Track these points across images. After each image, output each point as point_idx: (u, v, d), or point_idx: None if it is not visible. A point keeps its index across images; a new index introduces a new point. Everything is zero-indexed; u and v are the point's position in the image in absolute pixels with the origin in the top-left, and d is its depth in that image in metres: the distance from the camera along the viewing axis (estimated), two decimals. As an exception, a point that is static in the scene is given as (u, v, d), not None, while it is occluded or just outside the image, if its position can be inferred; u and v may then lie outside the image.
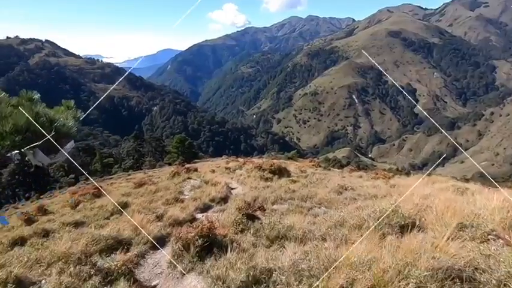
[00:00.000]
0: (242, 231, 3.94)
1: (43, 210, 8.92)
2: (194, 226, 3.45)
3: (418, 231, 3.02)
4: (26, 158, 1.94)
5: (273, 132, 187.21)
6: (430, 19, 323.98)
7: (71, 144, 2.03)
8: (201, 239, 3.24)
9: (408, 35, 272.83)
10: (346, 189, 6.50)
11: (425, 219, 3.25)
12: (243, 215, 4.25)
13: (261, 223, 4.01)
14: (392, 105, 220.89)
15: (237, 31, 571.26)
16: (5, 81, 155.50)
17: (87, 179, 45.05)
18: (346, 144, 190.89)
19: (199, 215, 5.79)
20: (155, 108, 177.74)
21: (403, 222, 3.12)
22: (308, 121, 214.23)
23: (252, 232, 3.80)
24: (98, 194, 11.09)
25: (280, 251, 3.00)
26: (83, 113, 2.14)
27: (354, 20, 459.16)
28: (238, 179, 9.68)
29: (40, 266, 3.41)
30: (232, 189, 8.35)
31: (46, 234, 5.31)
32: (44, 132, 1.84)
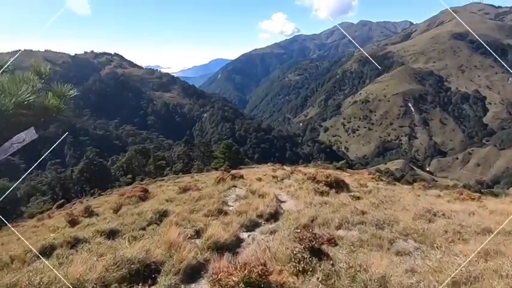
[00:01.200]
0: (304, 271, 2.84)
1: (89, 212, 8.90)
2: (239, 267, 2.45)
3: None
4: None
5: (319, 141, 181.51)
6: (504, 18, 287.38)
7: (25, 136, 1.21)
8: (248, 288, 2.23)
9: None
10: (435, 215, 4.96)
11: None
12: (304, 248, 3.15)
13: (332, 264, 2.85)
14: (455, 115, 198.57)
15: (286, 39, 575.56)
16: (82, 90, 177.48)
17: (142, 179, 48.10)
18: (399, 155, 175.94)
19: (244, 235, 4.82)
20: (205, 115, 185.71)
21: None
22: (357, 130, 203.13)
23: (320, 278, 2.67)
24: (143, 197, 10.93)
25: (374, 325, 1.84)
26: (74, 90, 1.31)
27: (411, 24, 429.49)
28: (289, 190, 8.52)
29: (49, 294, 2.77)
30: (281, 202, 7.25)
31: (77, 243, 4.87)
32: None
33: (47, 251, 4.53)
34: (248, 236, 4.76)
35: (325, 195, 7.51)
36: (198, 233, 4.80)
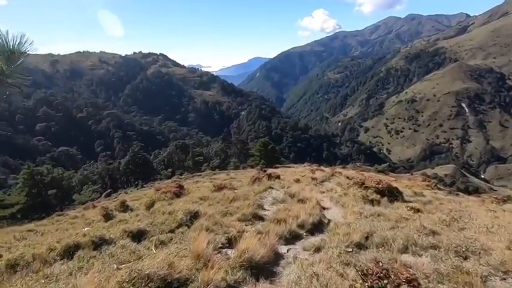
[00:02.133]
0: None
1: (124, 206, 8.89)
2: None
3: None
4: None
5: (359, 142, 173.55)
6: None
7: None
8: None
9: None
10: (537, 244, 3.78)
11: None
12: None
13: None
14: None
15: (326, 36, 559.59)
16: (130, 88, 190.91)
17: (181, 173, 49.82)
18: (449, 160, 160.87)
19: (283, 249, 4.12)
20: (243, 113, 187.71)
21: None
22: (402, 131, 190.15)
23: None
24: (178, 194, 10.76)
25: None
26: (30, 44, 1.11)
27: (468, 16, 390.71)
28: (332, 196, 7.59)
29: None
30: (324, 208, 6.41)
31: (102, 243, 4.59)
32: None
33: (70, 251, 4.32)
34: (287, 251, 4.04)
35: (375, 204, 6.47)
36: (230, 242, 4.23)
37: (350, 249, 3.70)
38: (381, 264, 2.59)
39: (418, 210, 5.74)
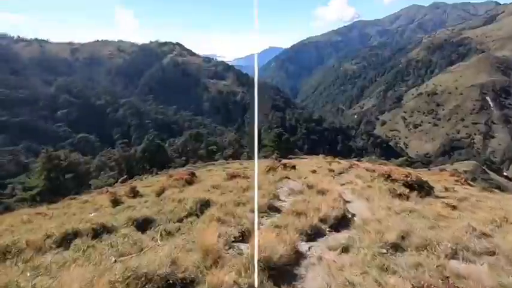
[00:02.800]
0: None
1: (134, 192, 8.65)
2: None
3: None
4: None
5: (375, 135, 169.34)
6: None
7: None
8: None
9: None
10: None
11: None
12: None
13: None
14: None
15: (344, 26, 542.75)
16: (146, 77, 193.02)
17: (195, 162, 50.13)
18: (470, 156, 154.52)
19: (303, 246, 3.60)
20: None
21: None
22: (420, 125, 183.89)
23: None
24: (189, 181, 10.44)
25: None
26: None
27: (497, 4, 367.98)
28: (353, 188, 6.98)
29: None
30: (346, 202, 5.83)
31: (103, 231, 4.24)
32: None
33: (69, 238, 4.00)
34: (309, 249, 3.53)
35: (404, 199, 5.83)
36: (243, 235, 3.77)
37: (384, 251, 3.15)
38: (450, 281, 2.00)
39: (454, 207, 5.08)
